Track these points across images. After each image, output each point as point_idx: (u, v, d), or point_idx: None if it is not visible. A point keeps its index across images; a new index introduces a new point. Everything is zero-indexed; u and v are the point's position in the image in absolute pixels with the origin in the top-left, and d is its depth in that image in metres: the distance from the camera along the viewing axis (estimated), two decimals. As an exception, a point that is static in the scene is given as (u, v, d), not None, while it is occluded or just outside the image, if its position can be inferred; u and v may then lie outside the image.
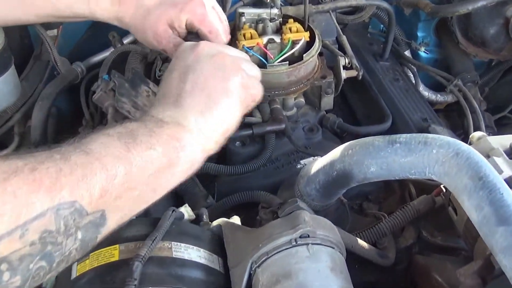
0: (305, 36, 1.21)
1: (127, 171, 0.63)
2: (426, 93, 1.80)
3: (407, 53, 1.73)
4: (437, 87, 1.79)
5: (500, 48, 1.65)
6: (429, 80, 1.79)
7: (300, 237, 0.79)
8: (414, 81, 1.68)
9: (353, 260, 1.07)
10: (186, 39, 1.04)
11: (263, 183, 1.17)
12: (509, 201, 0.76)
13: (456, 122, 1.74)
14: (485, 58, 1.74)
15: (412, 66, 1.70)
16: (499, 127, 1.88)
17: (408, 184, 1.18)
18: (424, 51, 1.74)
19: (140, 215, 0.75)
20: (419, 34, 1.78)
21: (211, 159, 1.27)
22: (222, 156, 1.26)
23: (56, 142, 1.72)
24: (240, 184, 1.17)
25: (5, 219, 0.53)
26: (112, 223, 0.63)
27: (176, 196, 1.18)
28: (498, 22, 1.58)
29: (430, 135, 0.90)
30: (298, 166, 1.17)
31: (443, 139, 0.88)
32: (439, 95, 1.82)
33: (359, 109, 1.42)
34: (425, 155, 0.88)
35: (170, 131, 0.76)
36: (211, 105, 0.82)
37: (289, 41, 1.20)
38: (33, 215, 0.55)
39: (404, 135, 0.92)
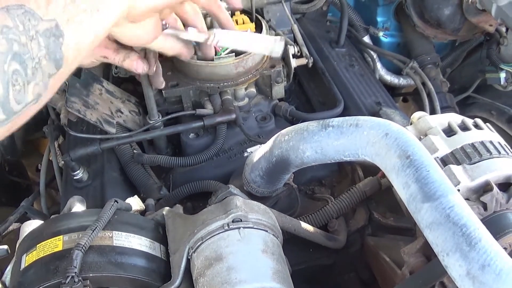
0: (250, 27, 1.23)
1: None
2: (388, 77, 1.83)
3: (367, 38, 1.75)
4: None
5: (457, 28, 1.67)
6: (393, 65, 1.81)
7: (233, 221, 0.82)
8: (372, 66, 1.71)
9: (307, 244, 1.10)
10: None
11: (216, 173, 1.20)
12: (434, 178, 0.78)
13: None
14: (444, 39, 1.76)
15: (370, 51, 1.71)
16: (464, 107, 1.90)
17: (356, 167, 1.20)
18: (383, 36, 1.75)
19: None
20: (379, 19, 1.81)
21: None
22: (180, 148, 1.29)
23: (24, 144, 1.74)
24: (194, 174, 1.20)
25: None
26: (69, 39, 0.64)
27: (134, 189, 1.22)
28: (453, 2, 1.60)
29: (362, 117, 0.92)
30: (245, 155, 1.20)
31: (374, 121, 0.91)
32: (401, 79, 1.85)
33: (314, 97, 1.45)
34: (356, 137, 0.90)
35: None
36: None
37: (235, 33, 1.22)
38: None
39: (337, 119, 0.94)
